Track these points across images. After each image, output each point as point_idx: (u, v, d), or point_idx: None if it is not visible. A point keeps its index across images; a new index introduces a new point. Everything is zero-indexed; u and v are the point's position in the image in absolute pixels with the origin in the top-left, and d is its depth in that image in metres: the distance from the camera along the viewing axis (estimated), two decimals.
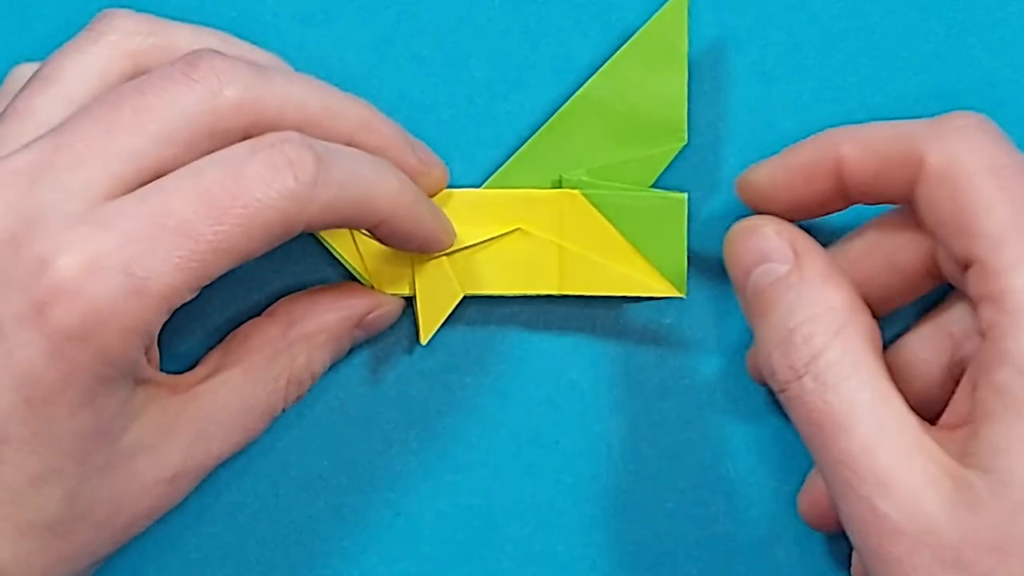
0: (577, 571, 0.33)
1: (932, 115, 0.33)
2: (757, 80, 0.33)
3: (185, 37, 0.30)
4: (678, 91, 0.32)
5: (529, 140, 0.33)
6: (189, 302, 0.26)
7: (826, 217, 0.31)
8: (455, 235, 0.32)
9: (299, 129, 0.27)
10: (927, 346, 0.30)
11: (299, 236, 0.27)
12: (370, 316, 0.32)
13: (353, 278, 0.33)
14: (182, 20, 0.33)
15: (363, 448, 0.33)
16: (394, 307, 0.33)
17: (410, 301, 0.33)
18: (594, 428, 0.33)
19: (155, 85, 0.26)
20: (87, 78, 0.28)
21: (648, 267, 0.32)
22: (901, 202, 0.29)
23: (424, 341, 0.33)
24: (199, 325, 0.33)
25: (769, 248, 0.29)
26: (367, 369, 0.34)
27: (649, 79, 0.32)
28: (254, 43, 0.32)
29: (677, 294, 0.32)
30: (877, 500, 0.26)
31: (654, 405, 0.33)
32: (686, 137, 0.32)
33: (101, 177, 0.26)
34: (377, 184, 0.28)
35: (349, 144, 0.29)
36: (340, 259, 0.32)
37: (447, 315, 0.33)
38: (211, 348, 0.31)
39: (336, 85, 0.33)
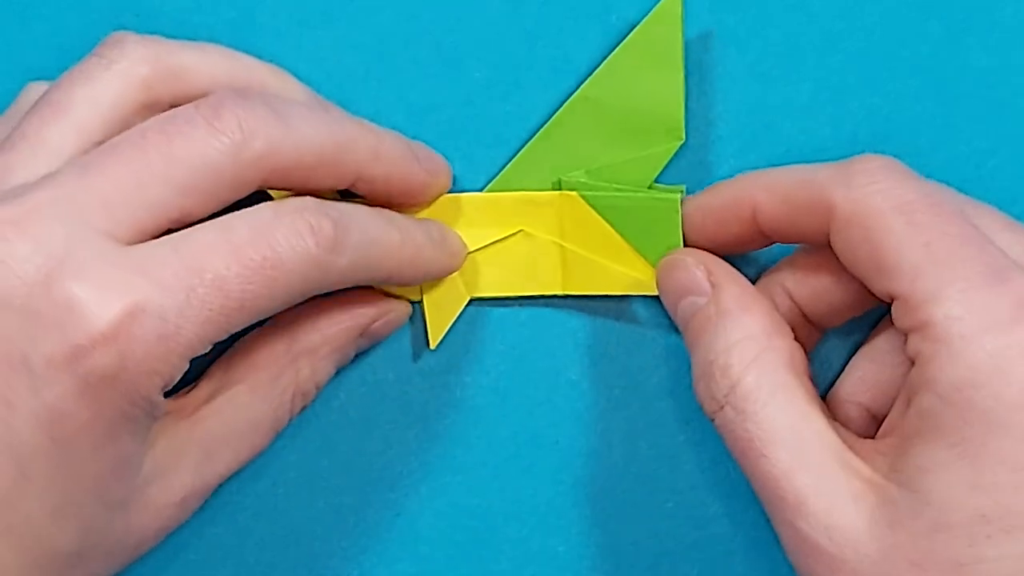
0: (577, 571, 0.33)
1: (932, 115, 0.33)
2: (756, 80, 0.33)
3: (194, 59, 0.29)
4: (674, 90, 0.32)
5: (528, 143, 0.33)
6: None
7: None
8: (465, 252, 0.32)
9: (315, 169, 0.28)
10: (879, 357, 0.31)
11: None
12: (375, 326, 0.32)
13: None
14: (182, 20, 0.33)
15: (363, 448, 0.33)
16: (399, 314, 0.33)
17: (414, 304, 0.33)
18: (594, 428, 0.33)
19: (181, 132, 0.26)
20: (99, 107, 0.28)
21: (647, 267, 0.32)
22: (819, 244, 0.29)
23: (433, 345, 0.33)
24: None
25: (689, 281, 0.30)
26: (367, 369, 0.34)
27: (645, 79, 0.32)
28: (254, 43, 0.32)
29: None
30: (798, 521, 0.27)
31: (654, 405, 0.33)
32: (684, 136, 0.32)
33: (127, 221, 0.26)
34: (383, 243, 0.29)
35: (359, 176, 0.29)
36: None
37: (455, 318, 0.33)
38: (210, 360, 0.31)
39: (336, 86, 0.33)
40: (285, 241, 0.26)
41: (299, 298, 0.27)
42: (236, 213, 0.27)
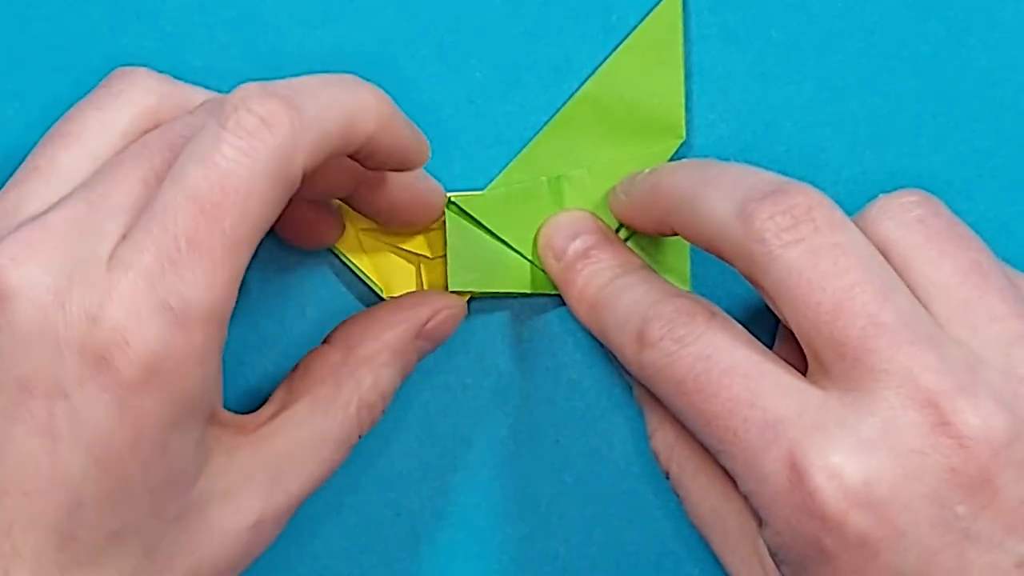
0: (577, 571, 0.33)
1: (932, 115, 0.33)
2: (756, 80, 0.33)
3: (200, 95, 0.29)
4: (675, 89, 0.32)
5: (529, 143, 0.33)
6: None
7: None
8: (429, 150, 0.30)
9: (329, 150, 0.26)
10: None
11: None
12: (429, 325, 0.31)
13: (365, 284, 0.33)
14: (183, 20, 0.33)
15: (363, 448, 0.33)
16: (454, 311, 0.32)
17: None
18: (594, 428, 0.33)
19: (183, 138, 0.26)
20: (109, 134, 0.28)
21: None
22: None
23: None
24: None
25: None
26: None
27: (646, 78, 0.32)
28: (254, 43, 0.32)
29: None
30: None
31: None
32: (684, 134, 0.32)
33: (130, 222, 0.25)
34: (354, 104, 0.27)
35: (370, 143, 0.27)
36: (347, 264, 0.33)
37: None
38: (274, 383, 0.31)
39: None
40: (237, 152, 0.24)
41: (290, 191, 0.25)
42: (187, 147, 0.25)
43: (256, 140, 0.25)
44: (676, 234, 0.30)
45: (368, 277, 0.33)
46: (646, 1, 0.33)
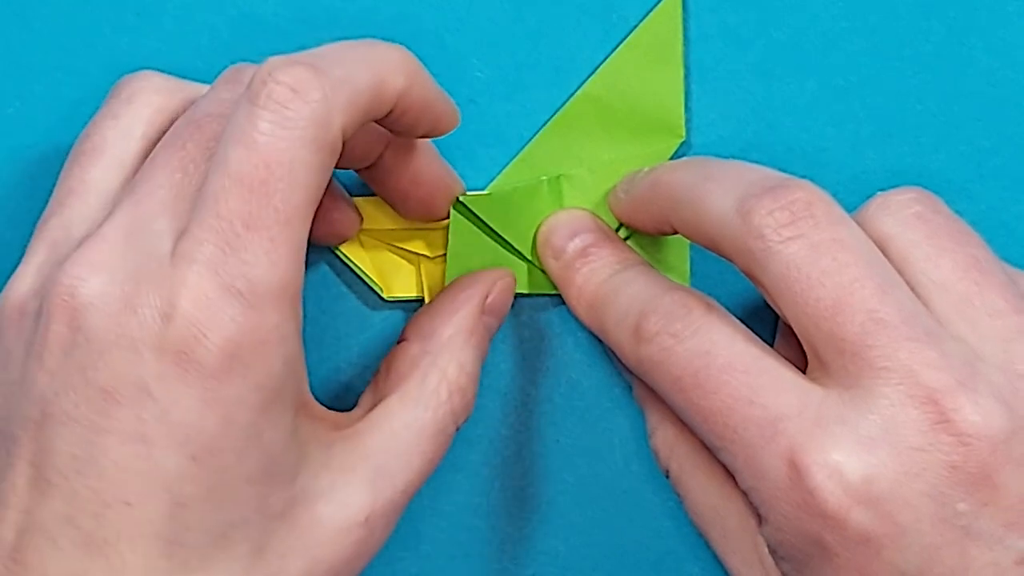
0: (577, 571, 0.33)
1: (932, 115, 0.33)
2: (756, 79, 0.33)
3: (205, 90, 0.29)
4: (675, 88, 0.32)
5: (530, 142, 0.33)
6: None
7: None
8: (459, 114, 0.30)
9: (362, 113, 0.26)
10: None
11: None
12: (490, 299, 0.31)
13: (365, 284, 0.33)
14: (183, 20, 0.33)
15: None
16: (509, 279, 0.32)
17: (416, 301, 0.33)
18: (594, 428, 0.33)
19: (217, 117, 0.26)
20: (132, 140, 0.28)
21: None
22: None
23: None
24: None
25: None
26: (367, 369, 0.34)
27: (646, 77, 0.32)
28: (255, 43, 0.32)
29: None
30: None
31: None
32: (684, 133, 0.32)
33: (187, 212, 0.25)
34: (382, 61, 0.26)
35: (401, 101, 0.27)
36: (348, 263, 0.33)
37: None
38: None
39: None
40: (273, 127, 0.24)
41: (334, 155, 0.25)
42: (224, 131, 0.25)
43: (290, 110, 0.24)
44: (676, 232, 0.30)
45: (368, 277, 0.33)
46: (646, 1, 0.33)
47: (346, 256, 0.33)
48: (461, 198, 0.32)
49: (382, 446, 0.28)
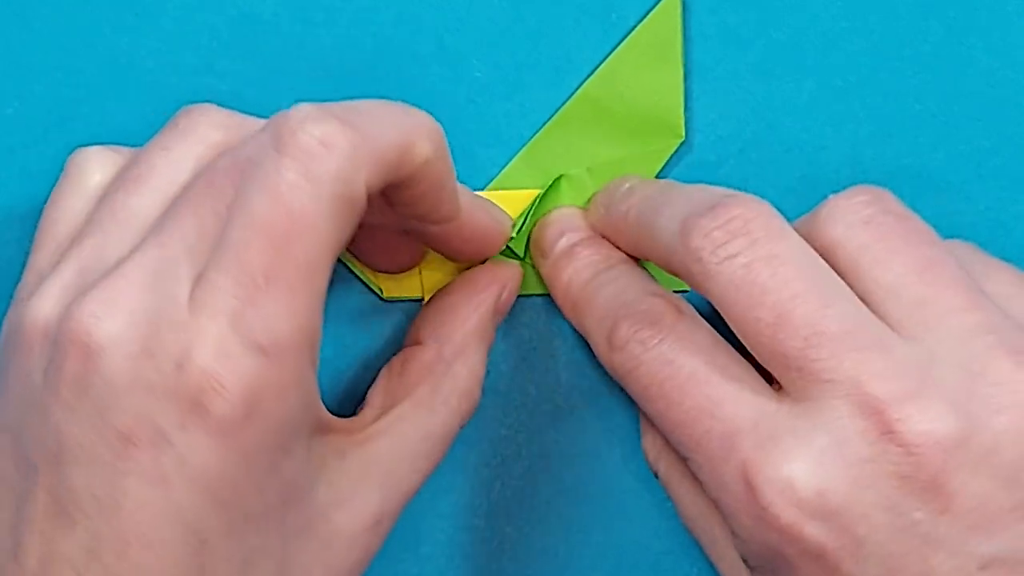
0: (577, 571, 0.33)
1: (932, 115, 0.33)
2: (756, 79, 0.33)
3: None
4: (674, 88, 0.32)
5: (529, 142, 0.33)
6: None
7: None
8: (510, 226, 0.31)
9: (385, 173, 0.26)
10: None
11: None
12: (502, 300, 0.32)
13: (364, 284, 0.33)
14: (183, 19, 0.33)
15: None
16: (518, 276, 0.32)
17: (415, 301, 0.33)
18: (594, 428, 0.33)
19: (251, 164, 0.25)
20: (180, 173, 0.27)
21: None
22: None
23: None
24: None
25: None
26: (369, 369, 0.34)
27: (645, 77, 0.32)
28: (255, 43, 0.31)
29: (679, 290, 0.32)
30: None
31: None
32: (683, 134, 0.32)
33: (207, 256, 0.25)
34: (412, 125, 0.26)
35: (423, 169, 0.27)
36: (347, 264, 0.33)
37: None
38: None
39: (336, 85, 0.33)
40: (300, 177, 0.24)
41: (358, 212, 0.25)
42: (247, 176, 0.25)
43: (316, 163, 0.24)
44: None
45: (367, 277, 0.33)
46: (646, 1, 0.33)
47: (345, 256, 0.33)
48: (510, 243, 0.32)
49: (394, 452, 0.28)
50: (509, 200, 0.33)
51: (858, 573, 0.25)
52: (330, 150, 0.24)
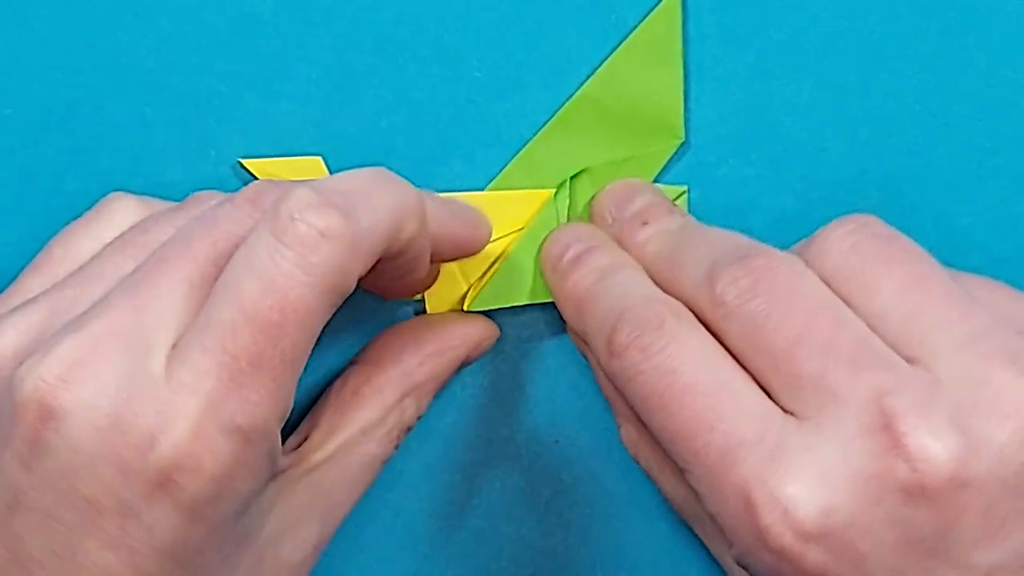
0: (577, 571, 0.33)
1: (933, 114, 0.33)
2: (756, 79, 0.33)
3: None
4: (674, 89, 0.32)
5: (529, 143, 0.33)
6: None
7: None
8: (490, 227, 0.31)
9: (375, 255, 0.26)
10: None
11: None
12: (471, 356, 0.32)
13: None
14: (183, 19, 0.33)
15: None
16: (494, 335, 0.33)
17: (414, 303, 0.33)
18: (593, 428, 0.33)
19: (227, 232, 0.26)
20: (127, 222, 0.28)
21: None
22: None
23: None
24: None
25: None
26: None
27: (645, 78, 0.32)
28: (255, 43, 0.31)
29: None
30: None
31: None
32: (683, 135, 0.32)
33: (184, 326, 0.25)
34: (401, 207, 0.27)
35: (408, 245, 0.27)
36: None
37: None
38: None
39: (336, 86, 0.33)
40: (295, 266, 0.24)
41: (343, 299, 0.25)
42: (239, 256, 0.25)
43: (314, 255, 0.24)
44: None
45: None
46: (646, 1, 0.33)
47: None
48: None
49: (336, 480, 0.29)
50: (509, 200, 0.33)
51: None
52: (329, 242, 0.24)
